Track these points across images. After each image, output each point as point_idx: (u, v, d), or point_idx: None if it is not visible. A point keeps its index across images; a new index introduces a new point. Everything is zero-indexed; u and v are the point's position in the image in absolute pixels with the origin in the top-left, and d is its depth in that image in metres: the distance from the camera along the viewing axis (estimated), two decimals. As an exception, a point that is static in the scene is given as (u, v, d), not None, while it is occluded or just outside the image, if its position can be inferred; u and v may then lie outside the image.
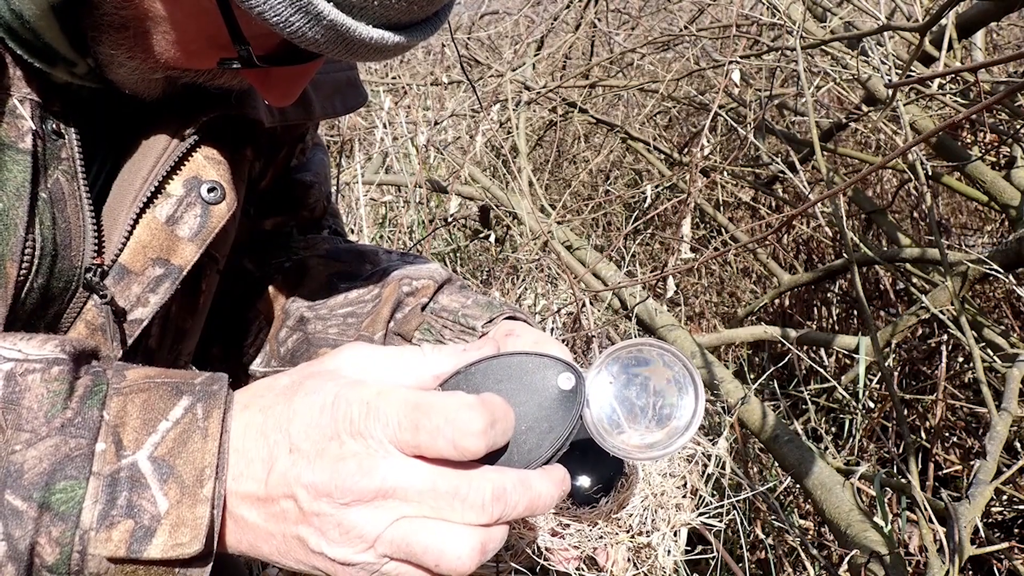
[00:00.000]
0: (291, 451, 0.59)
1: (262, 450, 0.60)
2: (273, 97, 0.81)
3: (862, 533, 1.72)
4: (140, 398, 0.61)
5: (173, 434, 0.60)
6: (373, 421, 0.58)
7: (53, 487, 0.57)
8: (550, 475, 0.63)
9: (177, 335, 0.93)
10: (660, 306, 2.61)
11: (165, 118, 0.85)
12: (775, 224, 2.82)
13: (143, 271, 0.83)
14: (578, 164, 4.43)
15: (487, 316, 0.95)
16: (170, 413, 0.61)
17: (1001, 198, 2.38)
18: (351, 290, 1.03)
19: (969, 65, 1.88)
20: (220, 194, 0.86)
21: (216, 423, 0.61)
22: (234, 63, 0.75)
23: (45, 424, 0.58)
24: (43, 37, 0.72)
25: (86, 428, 0.59)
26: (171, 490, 0.59)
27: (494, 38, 4.83)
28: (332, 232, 1.20)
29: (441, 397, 0.60)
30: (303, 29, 0.67)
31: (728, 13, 3.25)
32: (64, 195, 0.78)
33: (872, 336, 1.85)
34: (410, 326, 0.96)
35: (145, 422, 0.60)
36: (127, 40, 0.75)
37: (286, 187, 1.13)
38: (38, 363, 0.61)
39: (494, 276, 3.45)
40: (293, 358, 1.03)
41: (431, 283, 1.00)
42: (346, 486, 0.58)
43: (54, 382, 0.60)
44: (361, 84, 1.06)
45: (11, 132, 0.73)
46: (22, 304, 0.75)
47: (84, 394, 0.60)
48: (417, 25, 0.73)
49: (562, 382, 0.65)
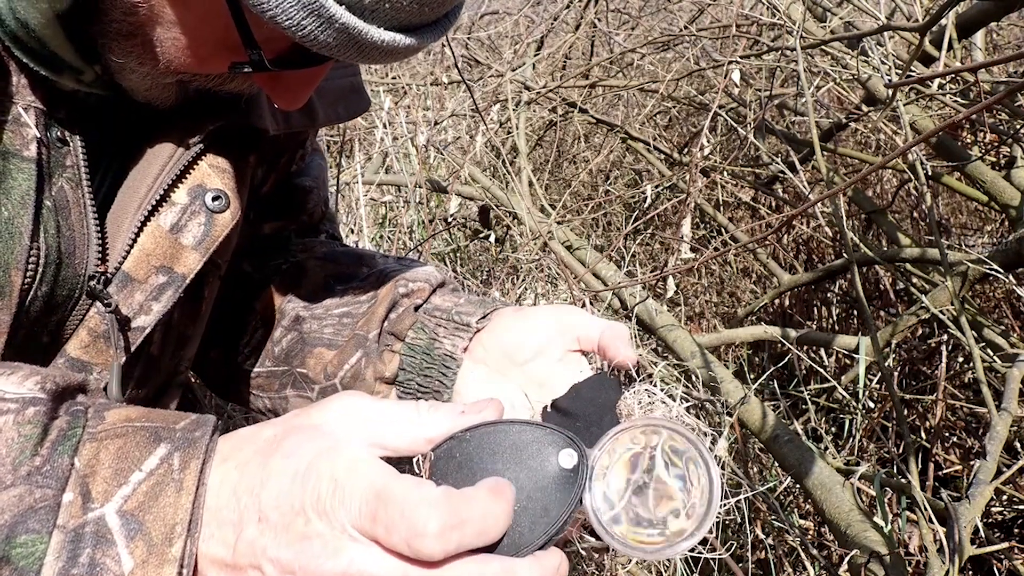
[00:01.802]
0: (260, 520, 0.56)
1: (233, 513, 0.57)
2: (283, 101, 0.81)
3: (862, 533, 1.72)
4: (115, 444, 0.58)
5: (145, 487, 0.57)
6: (338, 503, 0.56)
7: (14, 540, 0.54)
8: (541, 564, 0.58)
9: (179, 342, 0.93)
10: (660, 306, 2.61)
11: (171, 126, 0.85)
12: (775, 224, 2.82)
13: (146, 279, 0.83)
14: (578, 164, 4.43)
15: (480, 312, 0.95)
16: (144, 463, 0.58)
17: (1001, 198, 2.38)
18: (347, 291, 1.03)
19: (969, 65, 1.88)
20: (224, 202, 0.86)
21: (192, 476, 0.57)
22: (246, 67, 0.75)
23: (11, 472, 0.55)
24: (49, 45, 0.72)
25: (54, 477, 0.56)
26: (137, 548, 0.55)
27: (494, 38, 4.82)
28: (329, 236, 1.20)
29: (404, 487, 0.55)
30: (315, 32, 0.67)
31: (728, 13, 3.25)
32: (68, 203, 0.77)
33: (872, 336, 1.85)
34: (403, 325, 0.97)
35: (117, 472, 0.57)
36: (136, 48, 0.75)
37: (286, 192, 1.13)
38: (13, 403, 0.58)
39: (494, 276, 3.45)
40: (288, 358, 1.04)
41: (427, 285, 1.00)
42: (311, 567, 0.55)
43: (27, 425, 0.57)
44: (364, 89, 1.06)
45: (15, 140, 0.73)
46: (26, 312, 0.75)
47: (57, 438, 0.58)
48: (428, 27, 0.73)
49: (563, 460, 0.59)
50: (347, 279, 1.05)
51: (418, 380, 0.95)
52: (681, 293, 3.34)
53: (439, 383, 0.94)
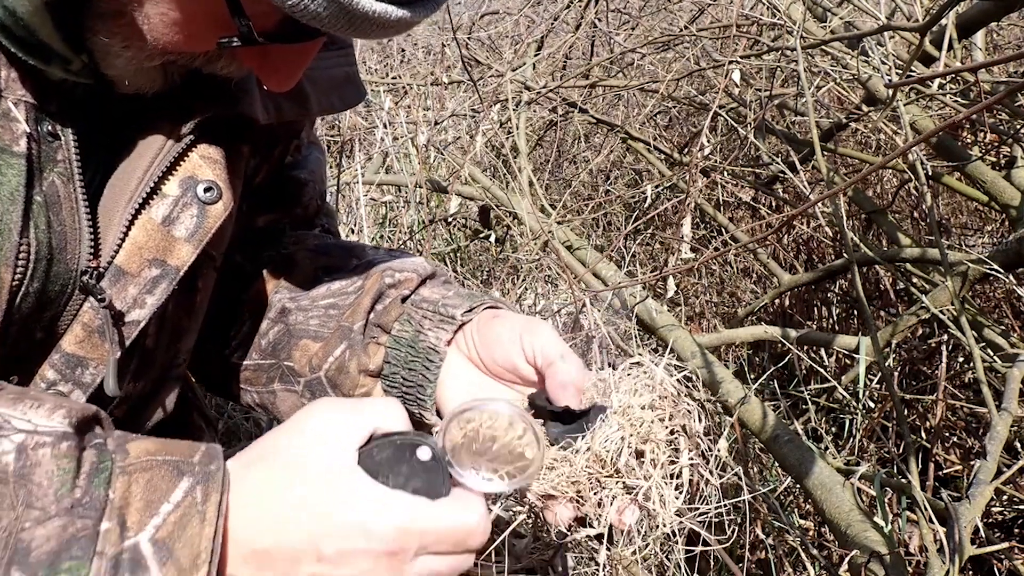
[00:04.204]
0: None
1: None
2: (272, 82, 0.80)
3: (862, 533, 1.72)
4: (144, 478, 0.65)
5: (174, 517, 0.63)
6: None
7: (59, 566, 0.59)
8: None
9: (174, 334, 0.93)
10: (660, 306, 2.61)
11: (161, 118, 0.84)
12: (775, 224, 2.82)
13: (139, 272, 0.82)
14: (578, 164, 4.43)
15: (467, 305, 0.94)
16: (172, 495, 0.64)
17: (1001, 198, 2.38)
18: (334, 282, 1.03)
19: (969, 65, 1.88)
20: (216, 194, 0.85)
21: (213, 508, 0.64)
22: (234, 40, 0.73)
23: (55, 503, 0.61)
24: (37, 34, 0.71)
25: (93, 508, 0.62)
26: (169, 572, 0.61)
27: (494, 38, 4.82)
28: (324, 231, 1.19)
29: None
30: (304, 1, 0.66)
31: (728, 13, 3.24)
32: (59, 198, 0.77)
33: (872, 336, 1.85)
34: (389, 317, 0.96)
35: (148, 503, 0.63)
36: (123, 28, 0.74)
37: (280, 184, 1.11)
38: (48, 436, 0.63)
39: (494, 276, 3.45)
40: (275, 350, 1.03)
41: (415, 276, 0.99)
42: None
43: (63, 459, 0.63)
44: (360, 81, 1.04)
45: (4, 136, 0.72)
46: (18, 308, 0.75)
47: (91, 471, 0.63)
48: (422, 1, 0.72)
49: (421, 454, 0.72)
50: (336, 270, 1.04)
51: (403, 374, 0.95)
52: (681, 293, 3.34)
53: (423, 377, 0.93)
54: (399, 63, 5.05)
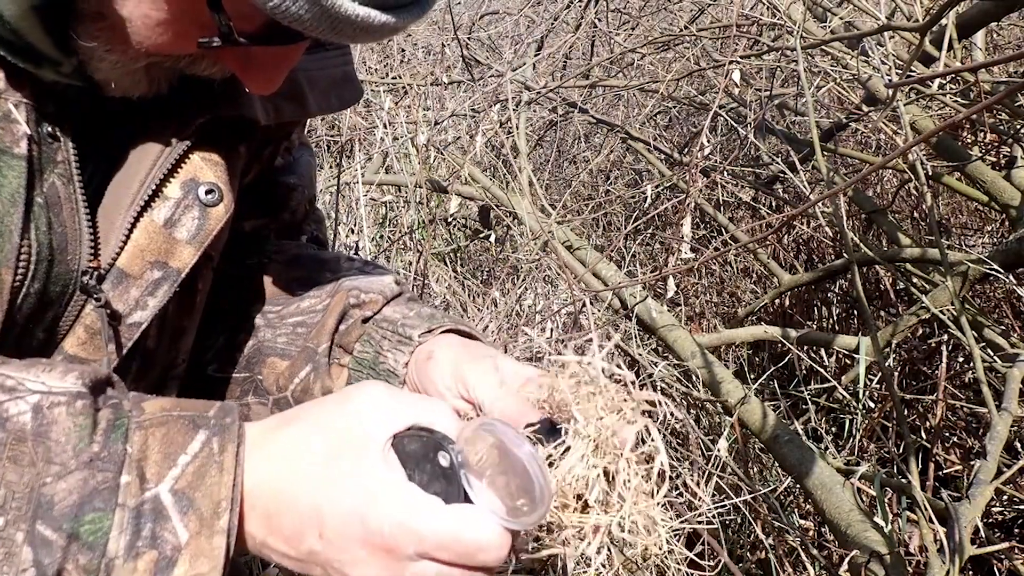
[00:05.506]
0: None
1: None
2: (255, 84, 0.79)
3: (862, 533, 1.72)
4: (160, 432, 0.65)
5: (192, 468, 0.64)
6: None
7: (82, 518, 0.60)
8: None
9: (175, 334, 0.93)
10: (660, 306, 2.61)
11: (160, 120, 0.84)
12: (775, 224, 2.82)
13: (141, 274, 0.82)
14: (578, 164, 4.43)
15: (425, 327, 0.93)
16: (188, 447, 0.64)
17: (1001, 198, 2.38)
18: (304, 299, 1.01)
19: (969, 65, 1.88)
20: (218, 196, 0.85)
21: (231, 457, 0.64)
22: (214, 40, 0.73)
23: (73, 458, 0.62)
24: (26, 37, 0.71)
25: (112, 462, 0.62)
26: (191, 522, 0.62)
27: (494, 38, 4.82)
28: (311, 238, 1.17)
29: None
30: (286, 3, 0.66)
31: (728, 13, 3.25)
32: (60, 199, 0.77)
33: (872, 336, 1.85)
34: (351, 338, 0.95)
35: (166, 456, 0.64)
36: (104, 31, 0.73)
37: (269, 189, 1.10)
38: (63, 396, 0.63)
39: (494, 276, 3.45)
40: (248, 364, 1.02)
41: (380, 297, 0.98)
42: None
43: (79, 416, 0.63)
44: (357, 79, 1.04)
45: (5, 137, 0.72)
46: (19, 309, 0.75)
47: (107, 428, 0.64)
48: (405, 7, 0.71)
49: (441, 459, 0.69)
50: (307, 284, 1.03)
51: None
52: (681, 293, 3.34)
53: None
54: (399, 63, 5.06)
